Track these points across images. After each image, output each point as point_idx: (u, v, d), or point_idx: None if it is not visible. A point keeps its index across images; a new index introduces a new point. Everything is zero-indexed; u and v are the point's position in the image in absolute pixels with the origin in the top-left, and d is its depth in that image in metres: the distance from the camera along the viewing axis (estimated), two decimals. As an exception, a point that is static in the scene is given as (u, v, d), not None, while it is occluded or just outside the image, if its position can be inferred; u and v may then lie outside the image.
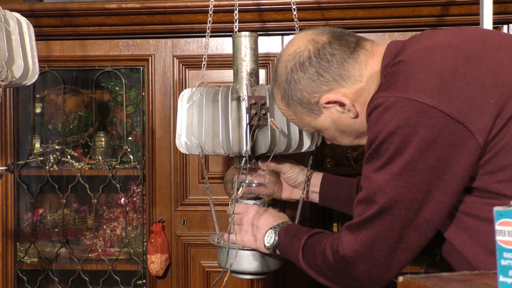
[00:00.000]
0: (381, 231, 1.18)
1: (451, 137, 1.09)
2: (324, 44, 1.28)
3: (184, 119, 1.63)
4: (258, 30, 2.14)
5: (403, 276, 0.81)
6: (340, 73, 1.26)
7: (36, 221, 2.42)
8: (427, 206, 1.14)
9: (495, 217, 0.76)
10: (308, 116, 1.34)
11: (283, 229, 1.48)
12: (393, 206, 1.15)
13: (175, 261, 2.25)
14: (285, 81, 1.31)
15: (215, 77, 2.22)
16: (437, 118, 1.09)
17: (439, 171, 1.11)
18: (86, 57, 2.28)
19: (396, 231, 1.17)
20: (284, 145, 1.59)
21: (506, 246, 0.75)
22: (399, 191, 1.14)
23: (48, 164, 2.36)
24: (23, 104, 2.38)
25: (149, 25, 2.20)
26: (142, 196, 2.32)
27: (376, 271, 1.22)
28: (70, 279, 2.35)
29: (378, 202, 1.17)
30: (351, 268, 1.24)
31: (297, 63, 1.29)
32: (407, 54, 1.19)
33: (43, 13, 2.19)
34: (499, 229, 0.75)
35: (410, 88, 1.11)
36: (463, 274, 0.85)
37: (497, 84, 1.11)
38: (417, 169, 1.12)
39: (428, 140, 1.10)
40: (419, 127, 1.10)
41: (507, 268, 0.74)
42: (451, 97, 1.09)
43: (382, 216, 1.17)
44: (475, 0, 1.98)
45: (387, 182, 1.15)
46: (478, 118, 1.09)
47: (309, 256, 1.37)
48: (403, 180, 1.13)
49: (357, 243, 1.22)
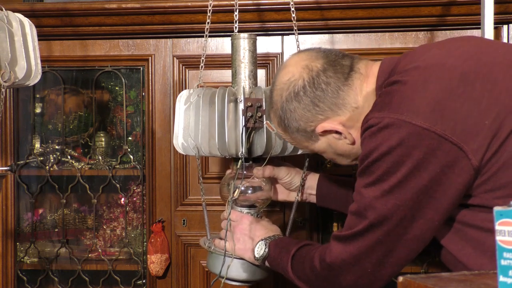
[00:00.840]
0: (370, 245, 1.20)
1: (445, 157, 1.10)
2: (319, 72, 1.27)
3: (181, 120, 1.64)
4: (258, 30, 2.15)
5: (403, 276, 0.82)
6: (336, 102, 1.27)
7: (36, 221, 2.42)
8: (417, 223, 1.15)
9: (495, 217, 0.76)
10: (306, 142, 1.35)
11: (274, 241, 1.50)
12: (383, 222, 1.17)
13: (175, 261, 2.25)
14: (281, 109, 1.32)
15: (215, 77, 2.22)
16: (430, 140, 1.10)
17: (430, 190, 1.12)
18: (86, 57, 2.28)
19: (385, 245, 1.19)
20: (280, 148, 1.60)
21: (506, 246, 0.75)
22: (389, 208, 1.15)
23: (48, 164, 2.36)
24: (23, 104, 2.38)
25: (149, 25, 2.20)
26: (142, 196, 2.32)
27: (363, 281, 1.24)
28: (70, 279, 2.35)
29: (368, 218, 1.18)
30: (338, 277, 1.26)
31: (291, 92, 1.29)
32: (401, 74, 1.19)
33: (43, 13, 2.19)
34: (499, 229, 0.75)
35: (403, 110, 1.12)
36: (463, 274, 0.85)
37: (492, 104, 1.11)
38: (408, 187, 1.13)
39: (421, 161, 1.11)
40: (413, 148, 1.10)
41: (507, 268, 0.74)
42: (444, 118, 1.10)
43: (372, 231, 1.18)
44: (475, 0, 1.98)
45: (377, 198, 1.16)
46: (472, 139, 1.09)
47: (298, 267, 1.39)
48: (394, 198, 1.14)
49: (346, 253, 1.24)
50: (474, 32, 2.11)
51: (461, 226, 1.18)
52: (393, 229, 1.16)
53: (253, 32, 2.08)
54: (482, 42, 1.26)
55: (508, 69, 1.15)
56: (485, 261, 1.16)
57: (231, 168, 1.68)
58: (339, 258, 1.25)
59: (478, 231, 1.16)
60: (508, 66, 1.16)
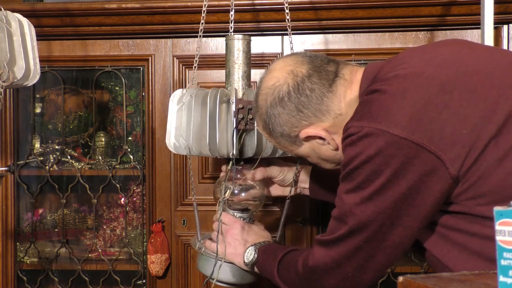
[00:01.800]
0: (351, 250, 1.22)
1: (423, 166, 1.11)
2: (303, 78, 1.28)
3: (173, 120, 1.65)
4: (258, 30, 2.15)
5: (403, 276, 0.82)
6: (320, 108, 1.28)
7: (36, 221, 2.42)
8: (396, 230, 1.17)
9: (495, 217, 0.76)
10: (290, 146, 1.37)
11: (263, 247, 1.53)
12: (363, 229, 1.18)
13: (175, 261, 2.25)
14: (265, 113, 1.33)
15: (215, 77, 2.22)
16: (408, 149, 1.10)
17: (409, 198, 1.14)
18: (86, 57, 2.28)
19: (365, 251, 1.21)
20: (271, 149, 1.62)
21: (506, 246, 0.75)
22: (368, 215, 1.17)
23: (48, 164, 2.36)
24: (23, 104, 2.38)
25: (149, 25, 2.20)
26: (142, 196, 2.32)
27: (344, 285, 1.26)
28: (70, 279, 2.35)
29: (348, 224, 1.20)
30: (320, 280, 1.29)
31: (276, 98, 1.30)
32: (382, 82, 1.20)
33: (43, 13, 2.19)
34: (499, 229, 0.75)
35: (381, 119, 1.13)
36: (463, 274, 0.85)
37: (470, 113, 1.11)
38: (387, 195, 1.14)
39: (400, 170, 1.12)
40: (391, 157, 1.12)
41: (507, 268, 0.74)
42: (422, 127, 1.11)
43: (352, 237, 1.20)
44: (475, 0, 1.98)
45: (357, 205, 1.18)
46: (450, 148, 1.10)
47: (284, 272, 1.41)
48: (373, 205, 1.16)
49: (327, 257, 1.26)
50: (474, 32, 2.11)
51: (446, 231, 1.20)
52: (372, 236, 1.18)
53: (253, 32, 2.09)
54: (464, 48, 1.25)
55: (488, 77, 1.15)
56: (470, 265, 1.16)
57: (223, 169, 1.70)
58: (321, 262, 1.27)
59: (463, 235, 1.17)
60: (488, 75, 1.15)
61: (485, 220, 1.13)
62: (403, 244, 1.19)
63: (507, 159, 1.10)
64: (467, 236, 1.16)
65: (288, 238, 2.20)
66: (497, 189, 1.11)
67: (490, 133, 1.10)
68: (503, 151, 1.10)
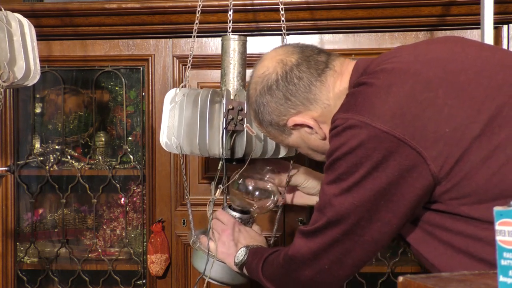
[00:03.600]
0: (328, 242, 1.22)
1: (403, 161, 1.11)
2: (292, 67, 1.29)
3: (166, 119, 1.66)
4: (258, 30, 2.15)
5: (403, 276, 0.82)
6: (307, 97, 1.28)
7: (36, 221, 2.42)
8: (375, 225, 1.16)
9: (495, 217, 0.76)
10: (280, 136, 1.37)
11: (253, 249, 1.54)
12: (340, 221, 1.18)
13: (175, 261, 2.25)
14: (255, 102, 1.34)
15: (215, 77, 2.22)
16: (389, 143, 1.10)
17: (388, 193, 1.13)
18: (86, 57, 2.28)
19: (342, 245, 1.20)
20: (260, 150, 1.62)
21: (506, 246, 0.75)
22: (346, 207, 1.17)
23: (48, 164, 2.36)
24: (23, 104, 2.38)
25: (149, 25, 2.20)
26: (142, 196, 2.32)
27: (320, 278, 1.26)
28: (70, 279, 2.35)
29: (326, 215, 1.20)
30: (297, 271, 1.29)
31: (265, 86, 1.31)
32: (369, 75, 1.21)
33: (43, 13, 2.19)
34: (499, 229, 0.75)
35: (365, 112, 1.13)
36: (463, 274, 0.85)
37: (454, 112, 1.11)
38: (365, 188, 1.14)
39: (380, 163, 1.12)
40: (372, 150, 1.12)
41: (507, 268, 0.74)
42: (405, 122, 1.11)
43: (330, 229, 1.20)
44: (475, 0, 1.98)
45: (336, 196, 1.18)
46: (431, 145, 1.10)
47: (267, 268, 1.42)
48: (351, 197, 1.16)
49: (306, 248, 1.26)
50: (474, 32, 2.12)
51: (431, 228, 1.19)
52: (350, 229, 1.18)
53: (252, 32, 2.09)
54: (457, 46, 1.25)
55: (475, 76, 1.15)
56: (455, 262, 1.16)
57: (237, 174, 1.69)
58: (299, 252, 1.28)
59: (448, 233, 1.17)
60: (476, 73, 1.15)
61: (470, 220, 1.13)
62: (381, 240, 1.19)
63: (492, 160, 1.10)
64: (452, 234, 1.16)
65: (288, 238, 2.20)
66: (481, 190, 1.11)
67: (474, 133, 1.10)
68: (487, 151, 1.10)
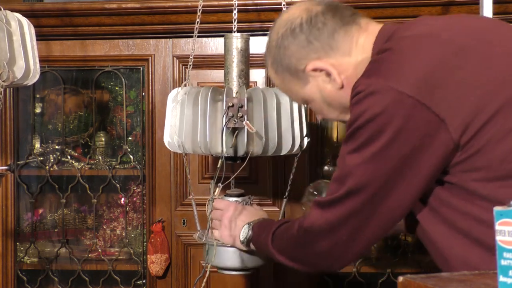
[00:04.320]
0: (347, 213, 1.19)
1: (426, 128, 1.09)
2: (318, 13, 1.27)
3: (169, 118, 1.67)
4: (258, 30, 2.15)
5: (403, 276, 0.82)
6: (330, 43, 1.26)
7: (36, 221, 2.42)
8: (394, 194, 1.15)
9: (495, 217, 0.76)
10: (296, 85, 1.33)
11: (258, 223, 1.51)
12: (361, 190, 1.16)
13: (175, 261, 2.25)
14: (275, 46, 1.31)
15: (215, 77, 2.22)
16: (413, 109, 1.09)
17: (409, 161, 1.12)
18: (86, 57, 2.28)
19: (361, 214, 1.18)
20: (261, 148, 1.61)
21: (506, 246, 0.75)
22: (367, 176, 1.15)
23: (48, 164, 2.36)
24: (23, 104, 2.38)
25: (149, 25, 2.20)
26: (142, 196, 2.32)
27: (336, 250, 1.24)
28: (70, 279, 2.35)
29: (346, 184, 1.18)
30: (313, 243, 1.26)
31: (288, 29, 1.29)
32: (395, 41, 1.19)
33: (43, 13, 2.19)
34: (499, 229, 0.75)
35: (391, 77, 1.11)
36: (463, 274, 0.85)
37: (481, 82, 1.10)
38: (388, 156, 1.12)
39: (403, 130, 1.10)
40: (396, 116, 1.10)
41: (507, 268, 0.74)
42: (430, 89, 1.09)
43: (349, 199, 1.18)
44: (475, 0, 1.98)
45: (358, 165, 1.15)
46: (455, 113, 1.09)
47: (278, 240, 1.39)
48: (373, 166, 1.14)
49: (323, 219, 1.23)
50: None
51: (438, 205, 1.18)
52: (370, 199, 1.16)
53: (254, 32, 2.09)
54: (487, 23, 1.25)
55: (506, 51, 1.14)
56: (456, 243, 1.15)
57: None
58: (316, 223, 1.25)
59: (452, 212, 1.16)
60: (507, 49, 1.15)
61: (476, 199, 1.12)
62: (400, 210, 1.18)
63: (508, 138, 1.09)
64: (456, 213, 1.15)
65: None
66: (494, 166, 1.10)
67: (497, 105, 1.09)
68: (508, 127, 1.09)
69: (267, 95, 1.64)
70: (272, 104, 1.63)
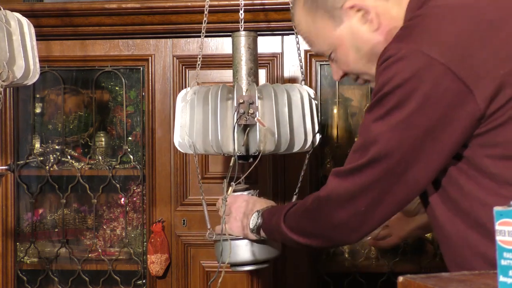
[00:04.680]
0: (368, 182, 1.16)
1: (454, 97, 1.07)
2: None
3: (178, 118, 1.65)
4: (258, 30, 2.14)
5: (403, 276, 0.82)
6: None
7: (36, 221, 2.42)
8: (418, 164, 1.12)
9: (495, 217, 0.76)
10: (327, 25, 1.28)
11: (267, 210, 1.48)
12: (384, 158, 1.13)
13: (175, 261, 2.25)
14: None
15: (215, 77, 2.22)
16: (443, 76, 1.07)
17: (436, 131, 1.10)
18: (86, 57, 2.28)
19: (382, 184, 1.15)
20: (273, 145, 1.58)
21: (506, 246, 0.75)
22: (392, 144, 1.12)
23: (48, 164, 2.36)
24: (23, 104, 2.38)
25: (149, 25, 2.20)
26: (142, 196, 2.32)
27: (354, 220, 1.20)
28: (70, 279, 2.35)
29: (370, 151, 1.14)
30: (330, 213, 1.23)
31: None
32: (429, 9, 1.17)
33: (43, 13, 2.19)
34: (499, 229, 0.75)
35: (423, 42, 1.09)
36: (463, 274, 0.85)
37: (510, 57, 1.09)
38: (414, 125, 1.10)
39: (431, 97, 1.08)
40: (425, 82, 1.08)
41: (507, 268, 0.74)
42: (461, 58, 1.07)
43: (371, 167, 1.15)
44: None
45: (383, 133, 1.13)
46: (484, 85, 1.07)
47: (290, 218, 1.35)
48: (399, 133, 1.12)
49: (342, 188, 1.20)
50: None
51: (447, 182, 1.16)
52: (392, 168, 1.13)
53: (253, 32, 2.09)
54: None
55: None
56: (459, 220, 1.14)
57: None
58: (334, 192, 1.21)
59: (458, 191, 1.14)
60: None
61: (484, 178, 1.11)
62: (422, 180, 1.14)
63: None
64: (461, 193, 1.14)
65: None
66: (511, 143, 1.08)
67: None
68: None
69: (277, 91, 1.61)
70: (283, 99, 1.60)
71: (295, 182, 1.78)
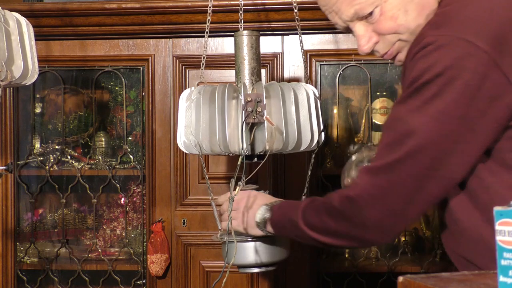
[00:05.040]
0: (402, 178, 1.10)
1: (494, 89, 1.04)
2: None
3: (183, 118, 1.63)
4: (258, 30, 2.14)
5: (403, 276, 0.81)
6: None
7: (36, 221, 2.42)
8: (454, 158, 1.07)
9: (495, 217, 0.76)
10: None
11: (277, 204, 1.41)
12: (421, 152, 1.08)
13: (175, 261, 2.25)
14: None
15: (215, 77, 2.22)
16: (486, 65, 1.04)
17: (474, 123, 1.06)
18: (86, 57, 2.28)
19: (418, 179, 1.09)
20: (281, 144, 1.57)
21: (506, 246, 0.75)
22: (432, 136, 1.07)
23: (48, 164, 2.36)
24: (23, 104, 2.38)
25: (149, 25, 2.20)
26: (142, 196, 2.32)
27: (388, 221, 1.14)
28: (70, 279, 2.35)
29: (407, 145, 1.09)
30: (361, 214, 1.15)
31: None
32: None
33: (43, 13, 2.19)
34: (499, 229, 0.75)
35: (466, 29, 1.06)
36: (463, 274, 0.85)
37: None
38: (454, 116, 1.06)
39: (471, 87, 1.04)
40: (466, 70, 1.04)
41: (507, 268, 0.74)
42: (501, 49, 1.04)
43: (406, 161, 1.09)
44: None
45: (423, 124, 1.07)
46: None
47: (310, 216, 1.27)
48: (438, 125, 1.07)
49: (374, 187, 1.13)
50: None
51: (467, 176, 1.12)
52: (429, 162, 1.08)
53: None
54: None
55: None
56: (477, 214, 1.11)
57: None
58: (365, 191, 1.14)
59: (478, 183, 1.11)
60: None
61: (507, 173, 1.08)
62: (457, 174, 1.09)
63: None
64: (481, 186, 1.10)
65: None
66: None
67: None
68: None
69: (284, 89, 1.59)
70: (290, 98, 1.58)
71: (295, 182, 1.78)
